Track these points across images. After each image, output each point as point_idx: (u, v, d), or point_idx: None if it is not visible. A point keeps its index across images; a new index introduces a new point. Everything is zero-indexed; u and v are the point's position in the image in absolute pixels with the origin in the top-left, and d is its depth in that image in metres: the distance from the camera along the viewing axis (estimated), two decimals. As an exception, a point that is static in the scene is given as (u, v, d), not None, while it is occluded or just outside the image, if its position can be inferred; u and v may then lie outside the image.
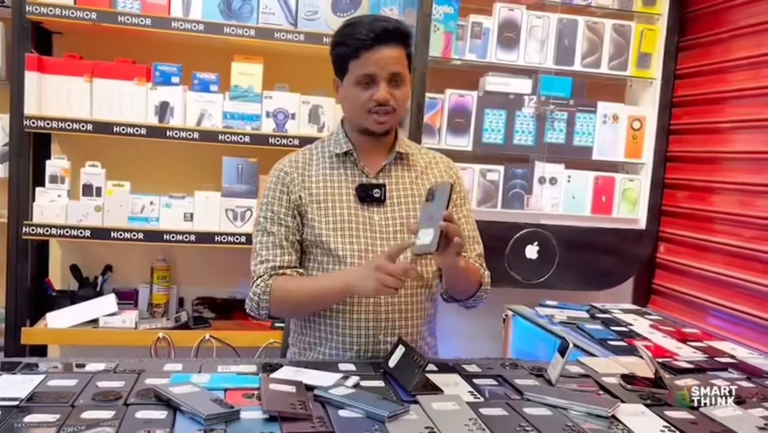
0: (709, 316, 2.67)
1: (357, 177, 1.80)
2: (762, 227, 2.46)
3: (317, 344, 1.81)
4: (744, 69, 2.61)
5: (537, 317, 2.58)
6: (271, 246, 1.77)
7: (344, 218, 1.76)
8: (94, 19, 2.64)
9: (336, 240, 1.75)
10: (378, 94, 1.69)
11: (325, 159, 1.83)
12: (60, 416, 1.24)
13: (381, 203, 1.78)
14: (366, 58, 1.67)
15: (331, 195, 1.78)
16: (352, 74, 1.70)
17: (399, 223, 1.78)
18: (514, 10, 2.82)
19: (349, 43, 1.68)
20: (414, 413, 1.36)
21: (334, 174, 1.80)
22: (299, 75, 2.98)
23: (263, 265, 1.77)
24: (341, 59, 1.72)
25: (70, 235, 2.68)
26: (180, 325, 2.88)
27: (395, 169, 1.83)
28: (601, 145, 2.94)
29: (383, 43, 1.67)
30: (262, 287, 1.74)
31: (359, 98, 1.71)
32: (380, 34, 1.66)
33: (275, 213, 1.78)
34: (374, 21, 1.69)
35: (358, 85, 1.70)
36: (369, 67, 1.68)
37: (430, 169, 1.88)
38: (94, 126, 2.67)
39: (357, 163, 1.80)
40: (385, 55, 1.67)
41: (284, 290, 1.73)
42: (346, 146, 1.80)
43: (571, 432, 1.32)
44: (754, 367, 1.95)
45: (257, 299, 1.75)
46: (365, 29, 1.66)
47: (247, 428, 1.25)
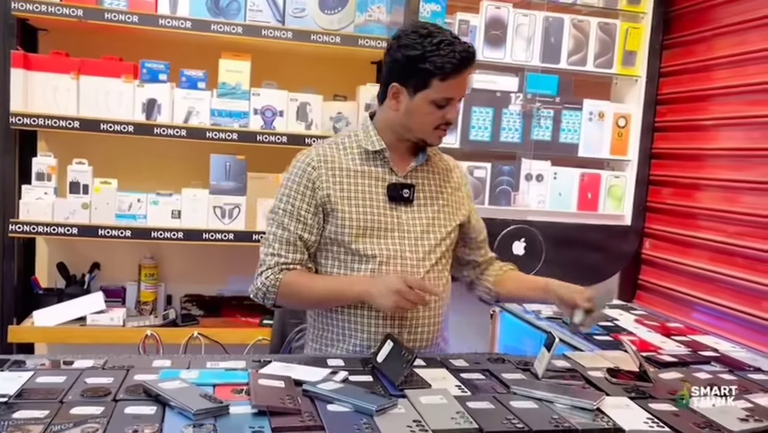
0: (693, 311, 2.70)
1: (387, 176, 1.81)
2: (745, 222, 2.49)
3: (339, 341, 1.81)
4: (727, 67, 2.65)
5: (524, 312, 2.60)
6: (284, 242, 1.77)
7: (373, 217, 1.77)
8: (80, 16, 2.63)
9: (363, 238, 1.75)
10: (451, 114, 1.72)
11: (355, 154, 1.81)
12: (49, 412, 1.24)
13: (409, 203, 1.80)
14: (452, 83, 1.68)
15: (362, 192, 1.78)
16: (433, 94, 1.69)
17: (425, 223, 1.81)
18: (501, 9, 2.84)
19: (440, 64, 1.65)
20: (402, 406, 1.37)
21: (364, 171, 1.80)
22: (287, 72, 2.99)
23: (273, 258, 1.77)
24: (423, 74, 1.67)
25: (57, 232, 2.67)
26: (168, 322, 2.87)
27: (422, 171, 1.85)
28: (587, 142, 2.97)
29: (467, 68, 1.69)
30: (272, 280, 1.75)
31: (432, 116, 1.72)
32: (467, 59, 1.67)
33: (295, 208, 1.77)
34: (454, 42, 1.66)
35: (435, 105, 1.70)
36: (452, 91, 1.70)
37: (449, 172, 1.92)
38: (81, 123, 2.66)
39: (388, 162, 1.81)
40: (466, 79, 1.72)
41: (294, 285, 1.75)
42: (379, 145, 1.79)
43: (557, 425, 1.33)
44: (736, 360, 1.98)
45: (264, 290, 1.77)
46: (450, 51, 1.64)
47: (237, 422, 1.26)
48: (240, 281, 3.15)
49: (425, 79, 1.68)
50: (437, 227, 1.82)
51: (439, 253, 1.81)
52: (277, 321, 2.22)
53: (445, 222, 1.84)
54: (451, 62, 1.65)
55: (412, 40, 1.68)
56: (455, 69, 1.66)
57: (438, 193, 1.86)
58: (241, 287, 3.15)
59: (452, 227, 1.86)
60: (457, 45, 1.66)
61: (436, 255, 1.81)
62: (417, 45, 1.67)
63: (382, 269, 1.75)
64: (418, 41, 1.67)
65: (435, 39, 1.66)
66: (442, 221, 1.84)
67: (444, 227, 1.84)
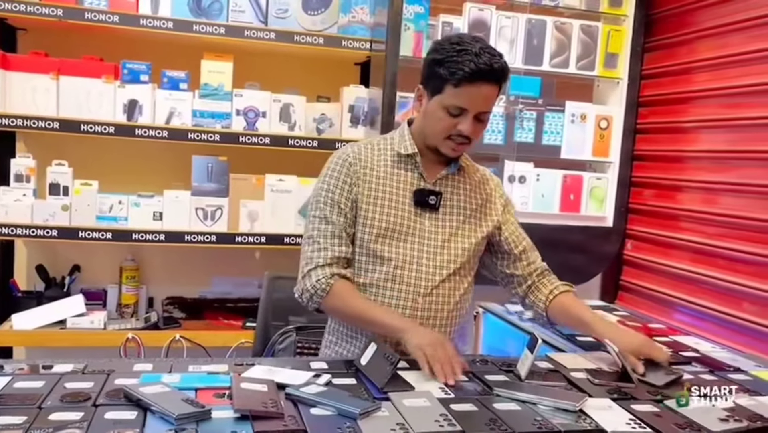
0: (674, 311, 2.72)
1: (416, 181, 1.81)
2: (725, 224, 2.52)
3: (354, 337, 1.82)
4: (707, 70, 2.68)
5: (507, 313, 2.61)
6: (330, 235, 1.76)
7: (396, 220, 1.77)
8: (60, 15, 2.60)
9: (384, 240, 1.76)
10: (463, 126, 1.69)
11: (387, 156, 1.82)
12: (27, 418, 1.22)
13: (434, 210, 1.80)
14: (464, 91, 1.65)
15: (389, 193, 1.78)
16: (445, 100, 1.68)
17: (447, 232, 1.80)
18: (484, 10, 2.85)
19: (454, 69, 1.64)
20: (385, 409, 1.36)
21: (395, 173, 1.80)
22: (270, 73, 2.98)
23: (322, 253, 1.75)
24: (439, 79, 1.68)
25: (36, 235, 2.64)
26: (150, 325, 2.85)
27: (452, 180, 1.85)
28: (569, 144, 2.98)
29: (484, 80, 1.65)
30: (324, 284, 1.72)
31: (443, 123, 1.71)
32: (484, 71, 1.64)
33: (336, 202, 1.76)
34: (481, 53, 1.64)
35: (446, 111, 1.69)
36: (464, 101, 1.67)
37: (482, 186, 1.90)
38: (61, 124, 2.63)
39: (418, 167, 1.81)
40: (483, 93, 1.66)
41: (341, 297, 1.73)
42: (412, 149, 1.80)
43: (540, 427, 1.34)
44: (716, 360, 1.99)
45: (313, 292, 1.74)
46: (472, 61, 1.63)
47: (219, 427, 1.24)
48: (222, 283, 3.13)
49: (440, 83, 1.68)
50: (460, 237, 1.82)
51: (459, 263, 1.81)
52: (260, 324, 2.21)
53: (469, 233, 1.83)
54: (463, 70, 1.63)
55: (441, 46, 1.70)
56: (467, 77, 1.63)
57: (466, 203, 1.85)
58: (224, 289, 3.14)
59: (477, 239, 1.84)
60: (483, 57, 1.63)
61: (455, 265, 1.80)
62: (442, 50, 1.68)
63: (398, 273, 1.75)
64: (445, 47, 1.68)
65: (462, 47, 1.65)
66: (466, 232, 1.83)
67: (468, 237, 1.83)
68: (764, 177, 2.37)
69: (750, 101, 2.46)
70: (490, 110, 1.73)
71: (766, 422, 1.43)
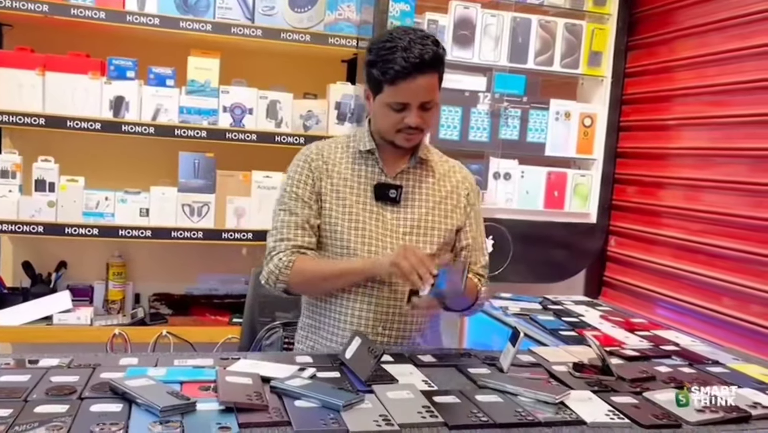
0: (656, 306, 2.76)
1: (376, 176, 1.84)
2: (706, 220, 2.55)
3: (321, 329, 1.86)
4: (689, 68, 2.71)
5: (492, 309, 2.64)
6: (293, 226, 1.81)
7: (358, 212, 1.80)
8: (46, 11, 2.60)
9: (349, 231, 1.79)
10: (409, 119, 1.72)
11: (349, 153, 1.87)
12: (12, 411, 1.23)
13: (396, 204, 1.82)
14: (400, 87, 1.68)
15: (349, 188, 1.82)
16: (385, 98, 1.72)
17: (410, 225, 1.83)
18: (470, 9, 2.87)
19: (385, 69, 1.67)
20: (369, 402, 1.38)
21: (355, 169, 1.84)
22: (257, 70, 2.99)
23: (284, 243, 1.80)
24: (376, 80, 1.72)
25: (22, 231, 2.63)
26: (136, 321, 2.85)
27: (414, 173, 1.87)
28: (553, 141, 3.01)
29: (418, 72, 1.67)
30: (285, 262, 1.77)
31: (390, 119, 1.74)
32: (415, 64, 1.66)
33: (300, 195, 1.82)
34: (411, 45, 1.66)
35: (389, 108, 1.73)
36: (403, 97, 1.70)
37: (448, 177, 1.92)
38: (47, 120, 2.63)
39: (378, 163, 1.84)
40: (420, 85, 1.68)
41: (306, 264, 1.78)
42: (370, 145, 1.84)
43: (521, 418, 1.36)
44: (695, 354, 2.03)
45: (277, 272, 1.78)
46: (402, 57, 1.65)
47: (204, 419, 1.26)
48: (209, 280, 3.14)
49: (378, 83, 1.72)
50: (424, 229, 1.84)
51: (428, 252, 1.81)
52: (246, 319, 2.22)
53: (433, 225, 1.85)
54: (394, 69, 1.66)
55: (373, 46, 1.74)
56: (399, 75, 1.66)
57: (429, 196, 1.87)
58: (211, 285, 3.15)
59: (443, 230, 1.86)
60: (414, 50, 1.65)
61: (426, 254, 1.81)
62: (374, 50, 1.72)
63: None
64: (376, 47, 1.72)
65: (392, 44, 1.67)
66: (430, 224, 1.85)
67: (433, 228, 1.85)
68: (745, 174, 2.40)
69: (731, 99, 2.49)
70: (434, 98, 1.75)
71: (741, 412, 1.46)
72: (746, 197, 2.39)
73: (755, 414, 1.47)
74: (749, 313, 2.32)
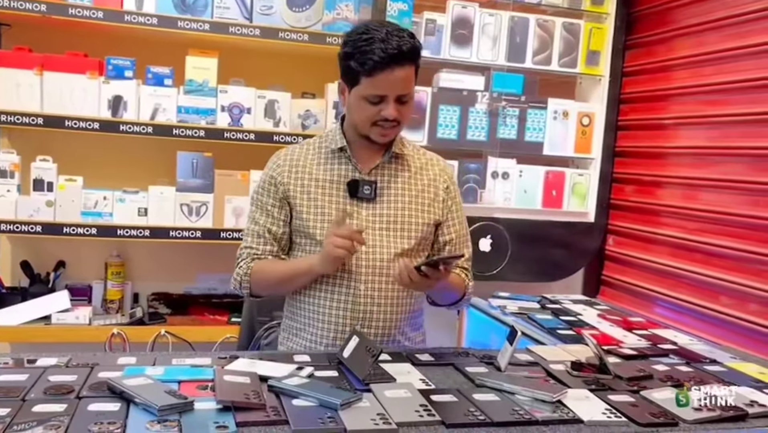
0: (654, 305, 2.76)
1: (350, 173, 1.83)
2: (704, 219, 2.56)
3: (301, 330, 1.87)
4: (686, 67, 2.72)
5: (490, 308, 2.64)
6: (255, 234, 1.86)
7: (332, 212, 1.80)
8: (44, 11, 2.60)
9: (322, 231, 1.79)
10: (386, 111, 1.72)
11: (320, 153, 1.87)
12: (10, 410, 1.23)
13: (371, 200, 1.82)
14: (378, 79, 1.68)
15: (321, 188, 1.82)
16: (362, 90, 1.71)
17: (386, 221, 1.82)
18: (467, 8, 2.87)
19: (363, 60, 1.67)
20: (366, 400, 1.39)
21: (327, 168, 1.84)
22: (255, 69, 2.98)
23: (246, 250, 1.88)
24: (352, 72, 1.71)
25: (21, 230, 2.63)
26: (135, 321, 2.85)
27: (389, 168, 1.86)
28: (551, 140, 3.02)
29: (396, 64, 1.67)
30: (244, 269, 1.85)
31: (366, 112, 1.74)
32: (393, 56, 1.66)
33: (263, 204, 1.86)
34: (388, 37, 1.66)
35: (366, 100, 1.72)
36: (380, 88, 1.69)
37: (424, 171, 1.91)
38: (45, 120, 2.63)
39: (351, 160, 1.83)
40: (397, 76, 1.68)
41: (261, 271, 1.84)
42: (341, 142, 1.83)
43: (519, 417, 1.36)
44: (693, 353, 2.03)
45: (239, 279, 1.86)
46: (380, 48, 1.65)
47: (201, 418, 1.26)
48: (208, 279, 3.14)
49: (355, 75, 1.71)
50: (401, 224, 1.83)
51: (401, 249, 1.81)
52: (245, 319, 2.22)
53: (410, 219, 1.84)
54: (372, 59, 1.66)
55: (350, 38, 1.73)
56: (377, 66, 1.66)
57: (405, 190, 1.86)
58: (209, 284, 3.15)
59: (420, 225, 1.85)
60: (392, 41, 1.66)
61: (396, 251, 1.81)
62: (351, 43, 1.71)
63: (345, 263, 1.77)
64: (353, 39, 1.71)
65: (369, 36, 1.67)
66: (406, 219, 1.84)
67: (411, 223, 1.84)
68: (743, 173, 2.41)
69: (728, 98, 2.50)
70: (410, 91, 1.75)
71: (738, 411, 1.46)
72: (744, 196, 2.40)
73: (752, 412, 1.47)
74: (747, 312, 2.32)
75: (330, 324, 1.81)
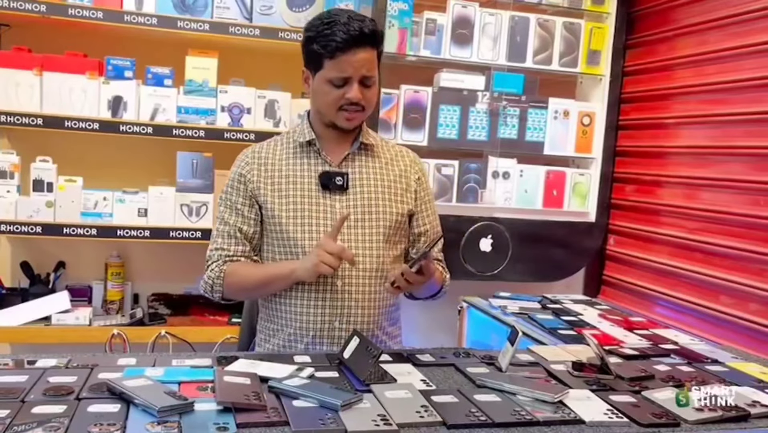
0: (655, 305, 2.76)
1: (320, 166, 1.83)
2: (705, 219, 2.55)
3: (278, 330, 1.85)
4: (688, 66, 2.71)
5: (490, 308, 2.64)
6: (225, 235, 1.84)
7: (304, 206, 1.79)
8: (43, 11, 2.59)
9: (295, 228, 1.79)
10: (350, 93, 1.73)
11: (289, 148, 1.87)
12: (10, 412, 1.23)
13: (343, 191, 1.81)
14: (341, 60, 1.70)
15: (292, 183, 1.82)
16: (326, 73, 1.73)
17: (360, 211, 1.81)
18: (468, 7, 2.87)
19: (325, 43, 1.70)
20: (367, 401, 1.38)
21: (297, 163, 1.84)
22: (255, 70, 2.98)
23: (217, 252, 1.85)
24: (316, 56, 1.73)
25: (21, 231, 2.63)
26: (135, 321, 2.85)
27: (359, 159, 1.86)
28: (552, 140, 3.01)
29: (358, 46, 1.69)
30: (216, 272, 1.82)
31: (331, 96, 1.74)
32: (357, 37, 1.68)
33: (233, 203, 1.84)
34: (350, 21, 1.69)
35: (331, 84, 1.73)
36: (343, 69, 1.71)
37: (395, 162, 1.91)
38: (45, 120, 2.63)
39: (320, 153, 1.83)
40: (360, 57, 1.70)
41: (236, 275, 1.81)
42: (309, 135, 1.84)
43: (520, 417, 1.36)
44: (694, 352, 2.03)
45: (211, 283, 1.84)
46: (342, 31, 1.68)
47: (202, 419, 1.26)
48: (208, 280, 3.13)
49: (318, 58, 1.73)
50: (375, 214, 1.82)
51: (375, 241, 1.81)
52: (245, 319, 2.22)
53: (384, 209, 1.83)
54: (335, 41, 1.68)
55: (312, 24, 1.76)
56: (339, 48, 1.68)
57: (377, 180, 1.86)
58: (210, 285, 3.14)
59: (394, 214, 1.84)
60: (353, 24, 1.68)
61: (371, 243, 1.80)
62: (313, 28, 1.74)
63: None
64: (315, 24, 1.74)
65: (330, 20, 1.71)
66: (381, 208, 1.83)
67: (384, 213, 1.83)
68: (743, 172, 2.40)
69: (729, 97, 2.49)
70: (374, 74, 1.76)
71: (740, 411, 1.45)
72: (745, 196, 2.39)
73: (754, 413, 1.47)
74: (748, 311, 2.32)
75: (308, 323, 1.80)
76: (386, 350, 1.77)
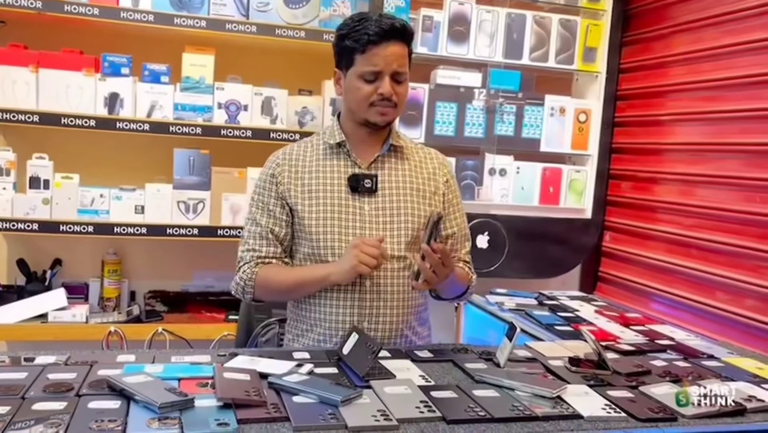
0: (651, 301, 2.77)
1: (349, 168, 1.83)
2: (700, 215, 2.57)
3: (308, 330, 1.85)
4: (683, 64, 2.72)
5: (487, 304, 2.65)
6: (257, 236, 1.83)
7: (334, 208, 1.79)
8: (39, 8, 2.58)
9: (324, 229, 1.78)
10: (382, 88, 1.73)
11: (319, 150, 1.86)
12: (10, 408, 1.23)
13: (372, 193, 1.81)
14: (373, 54, 1.71)
15: (322, 185, 1.81)
16: (358, 68, 1.74)
17: (389, 213, 1.81)
18: (464, 4, 2.87)
19: (357, 37, 1.71)
20: (367, 397, 1.39)
21: (326, 165, 1.83)
22: (252, 66, 2.98)
23: (249, 253, 1.83)
24: (348, 52, 1.74)
25: (17, 228, 2.63)
26: (132, 319, 2.85)
27: (388, 161, 1.86)
28: (548, 137, 3.02)
29: (390, 40, 1.71)
30: (249, 274, 1.81)
31: (363, 91, 1.75)
32: (388, 31, 1.70)
33: (265, 204, 1.83)
34: (381, 18, 1.72)
35: (362, 79, 1.74)
36: (375, 63, 1.71)
37: (424, 165, 1.91)
38: (41, 117, 2.62)
39: (350, 154, 1.83)
40: (391, 51, 1.71)
41: (268, 277, 1.80)
42: (339, 137, 1.83)
43: (518, 413, 1.37)
44: (690, 348, 2.04)
45: (243, 284, 1.83)
46: (374, 25, 1.70)
47: (202, 415, 1.26)
48: (205, 277, 3.14)
49: (350, 54, 1.74)
50: (404, 216, 1.82)
51: (405, 243, 1.81)
52: (242, 316, 2.22)
53: (412, 211, 1.83)
54: (367, 34, 1.70)
55: (344, 24, 1.79)
56: (372, 40, 1.70)
57: (406, 182, 1.85)
58: (206, 282, 3.14)
59: (423, 216, 1.83)
60: (384, 20, 1.71)
61: (401, 245, 1.80)
62: (345, 26, 1.77)
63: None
64: (347, 23, 1.77)
65: (361, 17, 1.74)
66: (409, 210, 1.83)
67: (413, 216, 1.83)
68: (739, 169, 2.42)
69: (725, 94, 2.51)
70: (405, 71, 1.77)
71: (737, 406, 1.46)
72: (740, 192, 2.41)
73: (750, 407, 1.48)
74: (743, 307, 2.34)
75: (337, 323, 1.79)
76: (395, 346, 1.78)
